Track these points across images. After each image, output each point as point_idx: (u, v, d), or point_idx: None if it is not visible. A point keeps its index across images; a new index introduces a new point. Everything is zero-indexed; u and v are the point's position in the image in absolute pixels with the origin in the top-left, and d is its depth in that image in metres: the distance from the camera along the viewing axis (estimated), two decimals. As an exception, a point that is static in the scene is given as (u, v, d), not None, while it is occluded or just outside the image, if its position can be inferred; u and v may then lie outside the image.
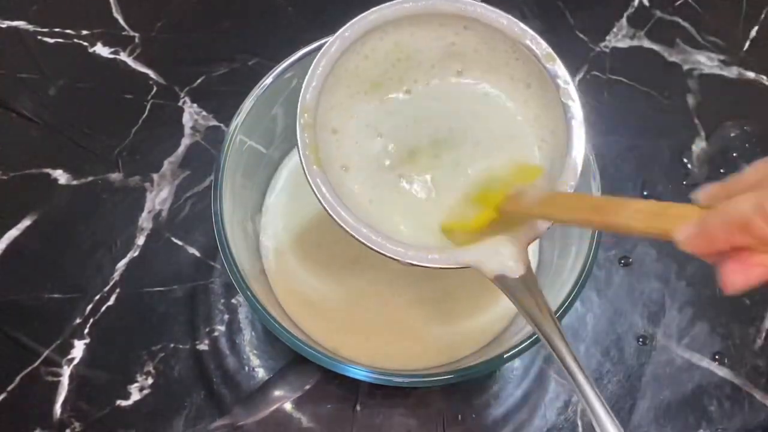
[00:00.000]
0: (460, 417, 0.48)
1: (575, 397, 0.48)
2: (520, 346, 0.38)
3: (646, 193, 0.55)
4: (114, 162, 0.54)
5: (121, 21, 0.60)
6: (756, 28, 0.62)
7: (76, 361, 0.49)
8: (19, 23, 0.59)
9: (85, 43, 0.59)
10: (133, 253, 0.52)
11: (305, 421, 0.48)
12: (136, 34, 0.59)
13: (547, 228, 0.35)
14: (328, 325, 0.46)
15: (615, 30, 0.61)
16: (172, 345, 0.49)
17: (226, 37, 0.60)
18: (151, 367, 0.48)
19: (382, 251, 0.34)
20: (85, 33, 0.59)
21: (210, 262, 0.52)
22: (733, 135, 0.57)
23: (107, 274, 0.51)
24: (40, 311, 0.50)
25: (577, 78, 0.59)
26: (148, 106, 0.56)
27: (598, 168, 0.41)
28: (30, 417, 0.47)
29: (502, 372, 0.50)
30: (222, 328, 0.50)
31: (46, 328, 0.49)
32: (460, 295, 0.47)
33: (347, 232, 0.35)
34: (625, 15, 0.62)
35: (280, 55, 0.43)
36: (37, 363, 0.48)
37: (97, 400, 0.48)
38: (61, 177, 0.54)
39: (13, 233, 0.52)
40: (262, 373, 0.49)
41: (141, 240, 0.52)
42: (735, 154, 0.57)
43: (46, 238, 0.52)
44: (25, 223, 0.52)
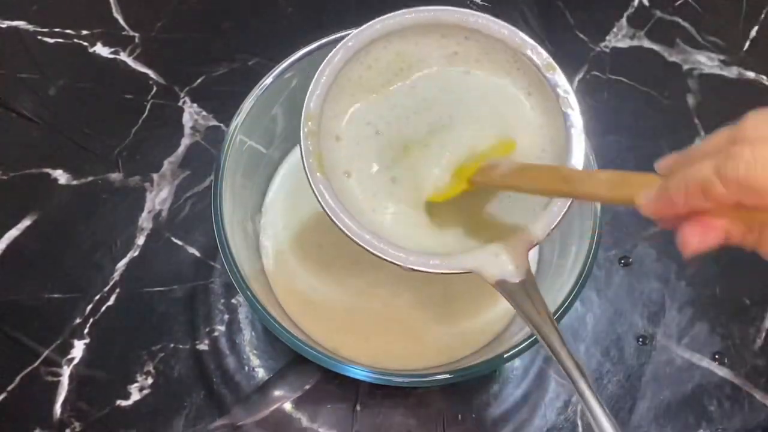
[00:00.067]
0: (460, 417, 0.48)
1: (575, 397, 0.48)
2: (519, 346, 0.38)
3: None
4: (114, 162, 0.54)
5: (121, 21, 0.60)
6: (756, 28, 0.62)
7: (76, 361, 0.49)
8: (19, 23, 0.59)
9: (85, 43, 0.59)
10: (133, 253, 0.52)
11: (305, 421, 0.48)
12: (136, 34, 0.59)
13: (546, 235, 0.36)
14: (328, 325, 0.46)
15: (615, 30, 0.61)
16: (172, 345, 0.49)
17: (226, 37, 0.60)
18: (151, 367, 0.48)
19: (385, 257, 0.35)
20: (85, 33, 0.59)
21: (210, 262, 0.52)
22: (733, 135, 0.57)
23: (107, 274, 0.51)
24: (40, 311, 0.50)
25: (577, 78, 0.59)
26: (148, 106, 0.56)
27: (598, 168, 0.41)
28: (30, 417, 0.47)
29: (502, 372, 0.50)
30: (222, 328, 0.50)
31: (46, 328, 0.49)
32: (460, 295, 0.47)
33: (350, 239, 0.35)
34: (625, 15, 0.62)
35: (280, 55, 0.43)
36: (37, 363, 0.48)
37: (97, 400, 0.48)
38: (61, 177, 0.54)
39: (13, 233, 0.52)
40: (262, 373, 0.49)
41: (141, 240, 0.52)
42: (735, 154, 0.57)
43: (46, 238, 0.52)
44: (25, 223, 0.52)
